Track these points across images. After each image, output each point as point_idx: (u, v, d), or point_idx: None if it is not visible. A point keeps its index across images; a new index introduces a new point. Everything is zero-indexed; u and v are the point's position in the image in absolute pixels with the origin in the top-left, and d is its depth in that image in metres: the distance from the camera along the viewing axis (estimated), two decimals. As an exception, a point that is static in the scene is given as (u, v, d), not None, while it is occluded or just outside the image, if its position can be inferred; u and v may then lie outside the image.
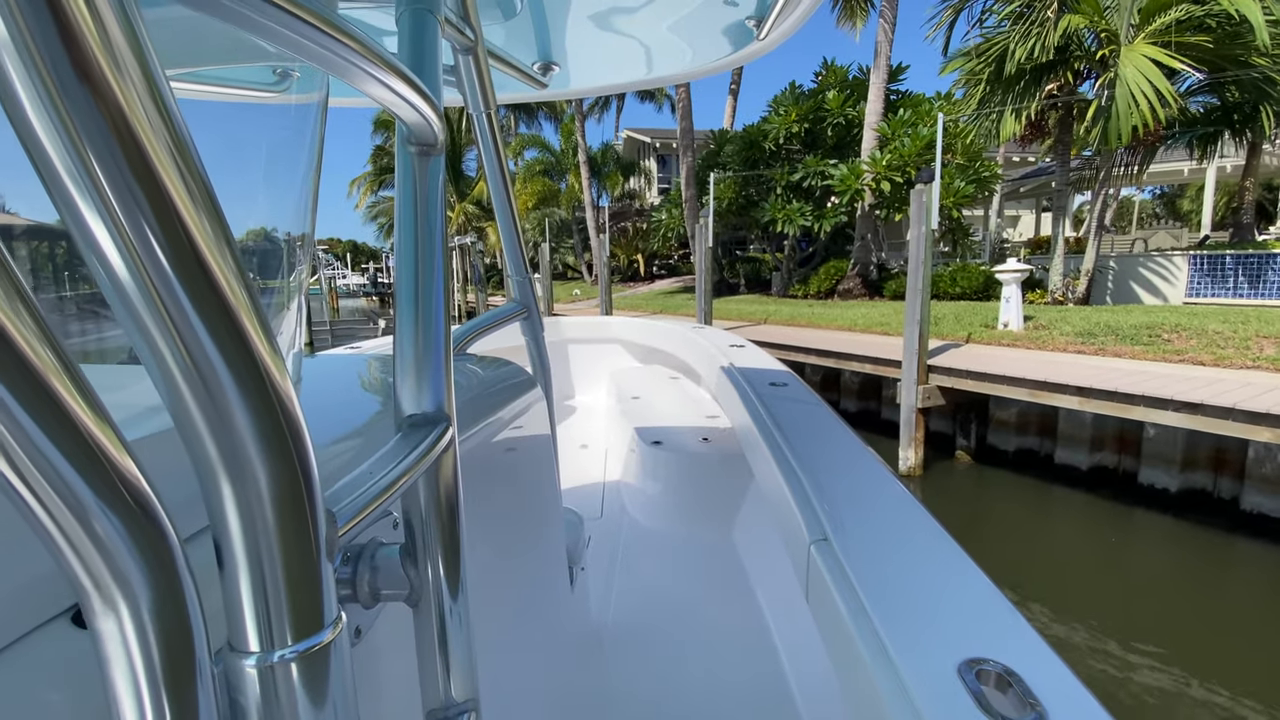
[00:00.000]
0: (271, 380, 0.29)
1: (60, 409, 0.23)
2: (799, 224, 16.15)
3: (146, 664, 0.27)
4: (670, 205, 20.81)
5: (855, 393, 10.41)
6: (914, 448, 7.91)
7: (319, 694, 0.34)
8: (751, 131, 17.38)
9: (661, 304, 18.42)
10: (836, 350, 9.45)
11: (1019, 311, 9.50)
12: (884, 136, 15.16)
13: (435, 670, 0.52)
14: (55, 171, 0.22)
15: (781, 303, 16.07)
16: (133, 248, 0.24)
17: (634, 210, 30.96)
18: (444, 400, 0.53)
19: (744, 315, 14.20)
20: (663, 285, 25.19)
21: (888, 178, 14.26)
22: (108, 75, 0.22)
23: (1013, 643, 0.71)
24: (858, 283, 15.63)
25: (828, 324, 11.92)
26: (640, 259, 29.62)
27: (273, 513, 0.31)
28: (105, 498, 0.24)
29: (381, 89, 0.47)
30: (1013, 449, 8.19)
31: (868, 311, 12.59)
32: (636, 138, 34.65)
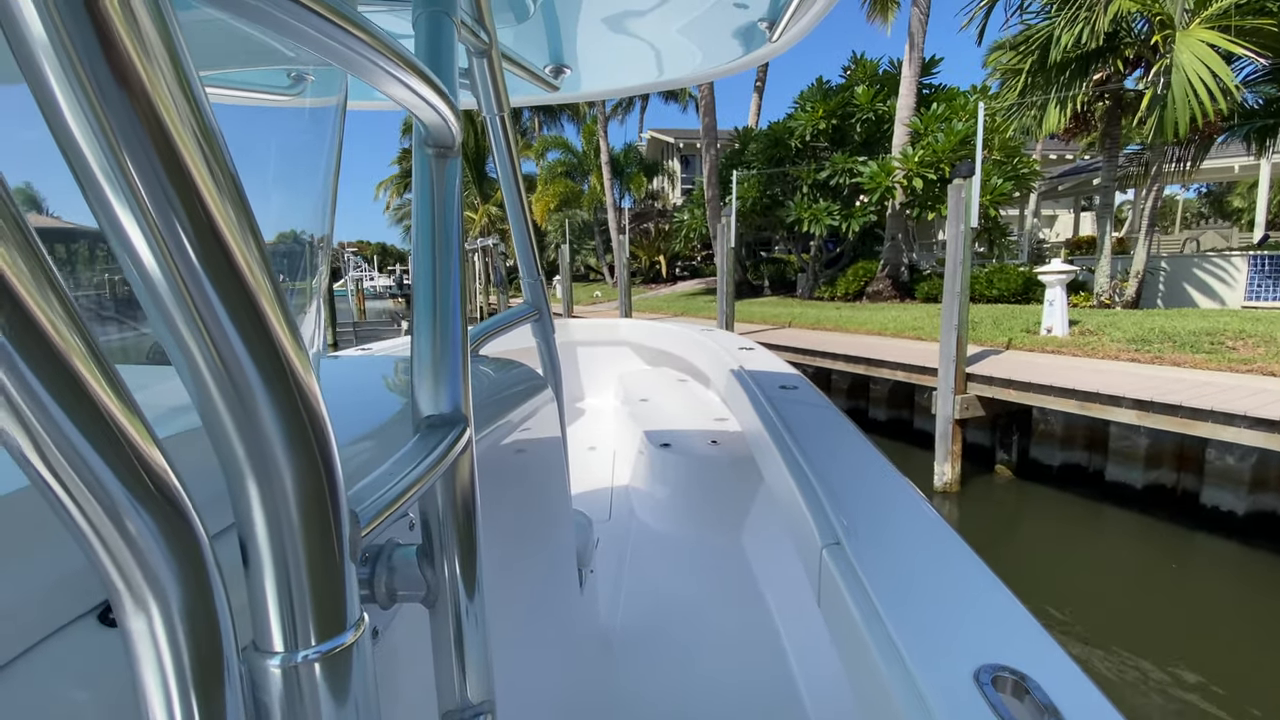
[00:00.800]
0: (298, 381, 0.29)
1: (94, 406, 0.23)
2: (826, 224, 15.58)
3: (176, 663, 0.27)
4: (692, 205, 20.35)
5: (885, 401, 9.86)
6: (950, 462, 7.36)
7: (342, 694, 0.34)
8: (776, 129, 16.86)
9: (683, 306, 17.98)
10: (866, 356, 8.93)
11: (1064, 315, 8.88)
12: (916, 132, 14.53)
13: (451, 671, 0.52)
14: (91, 173, 0.23)
15: (807, 305, 15.51)
16: (166, 249, 0.24)
17: (656, 211, 30.57)
18: (461, 401, 0.53)
19: (768, 318, 13.70)
20: (685, 287, 24.73)
21: (920, 175, 13.64)
22: (144, 78, 0.22)
23: (1028, 649, 0.71)
24: (887, 284, 15.01)
25: (856, 328, 11.38)
26: (662, 260, 29.21)
27: (298, 512, 0.31)
28: (137, 495, 0.25)
29: (402, 89, 0.46)
30: (1058, 464, 7.59)
31: (899, 315, 12.00)
32: (660, 138, 34.30)
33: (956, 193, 6.88)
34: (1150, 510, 6.68)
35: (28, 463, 0.23)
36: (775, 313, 14.17)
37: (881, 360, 8.65)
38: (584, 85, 1.77)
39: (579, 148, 31.75)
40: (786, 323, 12.97)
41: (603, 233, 30.61)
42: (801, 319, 12.90)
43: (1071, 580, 5.65)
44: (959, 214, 6.88)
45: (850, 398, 10.55)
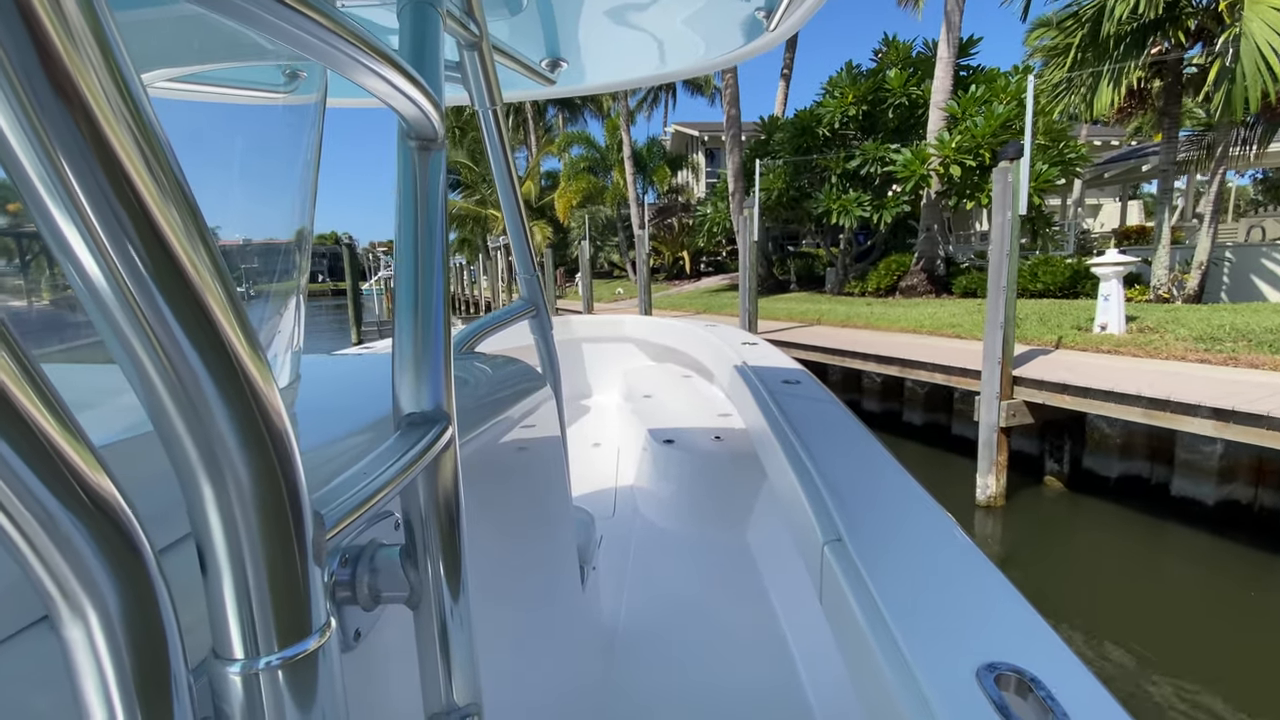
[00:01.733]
0: (252, 381, 0.29)
1: (19, 414, 0.23)
2: (856, 215, 14.84)
3: (118, 672, 0.26)
4: (716, 199, 19.72)
5: (921, 404, 9.20)
6: (995, 473, 6.71)
7: (306, 702, 0.33)
8: (804, 117, 16.15)
9: (705, 303, 17.39)
10: (900, 357, 8.27)
11: (1121, 311, 8.11)
12: (953, 116, 13.72)
13: (437, 673, 0.51)
14: (22, 169, 0.22)
15: (836, 301, 14.81)
16: (106, 252, 0.24)
17: (680, 205, 29.96)
18: (443, 399, 0.52)
19: (794, 315, 13.06)
20: (708, 283, 24.11)
21: (957, 161, 12.84)
22: (80, 81, 0.22)
23: (1033, 646, 0.70)
24: (922, 279, 14.23)
25: (889, 325, 10.69)
26: (686, 256, 28.61)
27: (255, 515, 0.30)
28: (70, 504, 0.24)
29: (379, 82, 0.46)
30: (1115, 475, 6.88)
31: (935, 311, 11.27)
32: (685, 132, 33.66)
33: (1003, 177, 6.22)
34: (1224, 530, 5.95)
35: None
36: (802, 309, 13.51)
37: (917, 361, 8.00)
38: (580, 79, 1.73)
39: (601, 143, 31.31)
40: (814, 320, 12.32)
41: (626, 229, 30.10)
42: (830, 316, 12.23)
43: (1133, 607, 5.00)
44: (1006, 200, 6.22)
45: (883, 400, 9.90)
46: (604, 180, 30.59)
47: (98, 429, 0.25)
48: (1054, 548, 6.34)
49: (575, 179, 29.58)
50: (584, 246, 16.91)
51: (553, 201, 31.11)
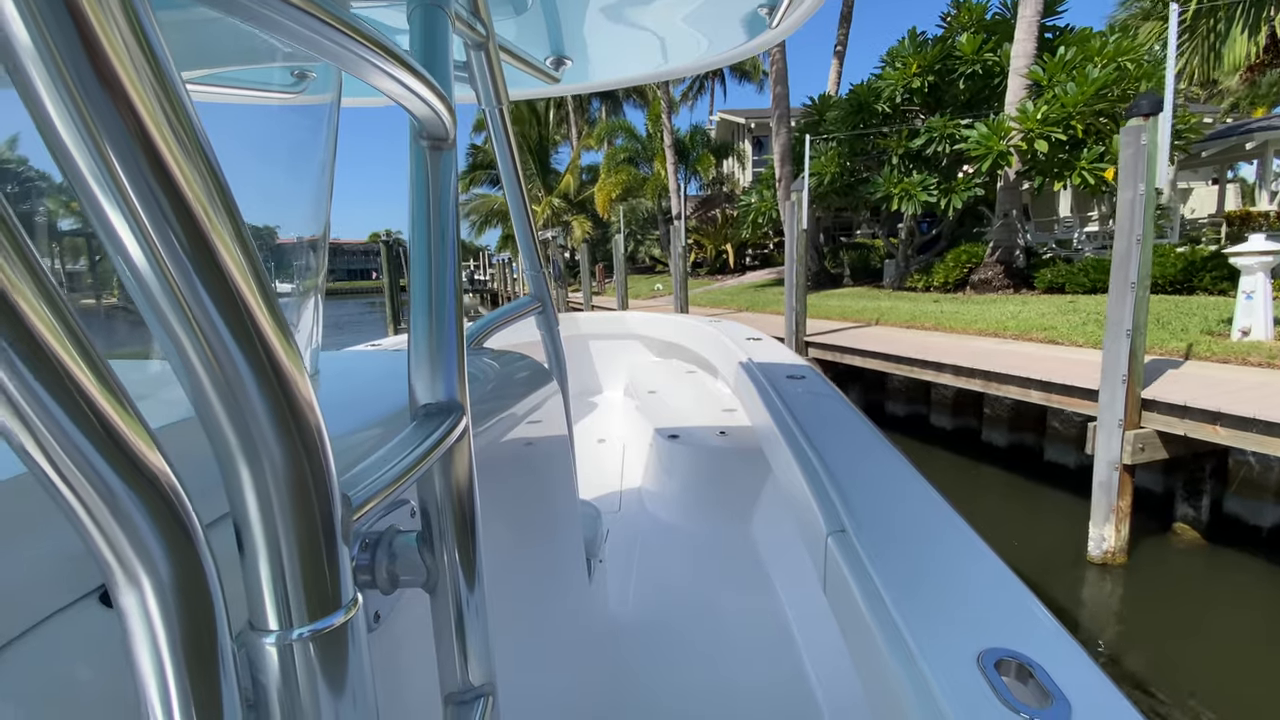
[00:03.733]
0: (286, 370, 0.31)
1: (86, 398, 0.24)
2: (920, 200, 13.16)
3: (170, 639, 0.28)
4: (761, 186, 18.16)
5: (1005, 422, 7.66)
6: (1115, 522, 5.21)
7: (336, 672, 0.35)
8: (860, 92, 14.49)
9: (748, 299, 15.96)
10: (986, 369, 6.75)
11: (1268, 312, 6.41)
12: (1037, 84, 11.90)
13: (453, 654, 0.53)
14: (80, 174, 0.24)
15: (897, 297, 13.18)
16: (154, 246, 0.25)
17: (723, 196, 28.41)
18: (456, 390, 0.54)
19: (848, 314, 11.55)
20: (753, 278, 22.57)
21: (1044, 135, 11.06)
22: (126, 79, 0.23)
23: (1033, 633, 0.71)
24: (998, 272, 12.47)
25: (963, 327, 9.12)
26: (729, 249, 27.07)
27: (289, 496, 0.32)
28: (129, 480, 0.26)
29: (392, 84, 0.47)
30: (1269, 525, 5.29)
31: (1018, 310, 9.62)
32: (731, 119, 32.09)
33: (1135, 137, 4.70)
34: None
35: (24, 451, 0.24)
36: (858, 307, 11.97)
37: (1009, 375, 6.47)
38: (584, 76, 1.74)
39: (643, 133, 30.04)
40: (872, 320, 10.80)
41: (667, 221, 28.78)
42: (891, 315, 10.68)
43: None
44: (1139, 168, 4.71)
45: (956, 415, 8.38)
46: (645, 172, 29.34)
47: (149, 416, 0.27)
48: (1189, 616, 4.83)
49: (615, 171, 28.41)
50: (618, 240, 15.74)
51: (593, 195, 30.07)
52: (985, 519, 6.44)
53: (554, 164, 36.14)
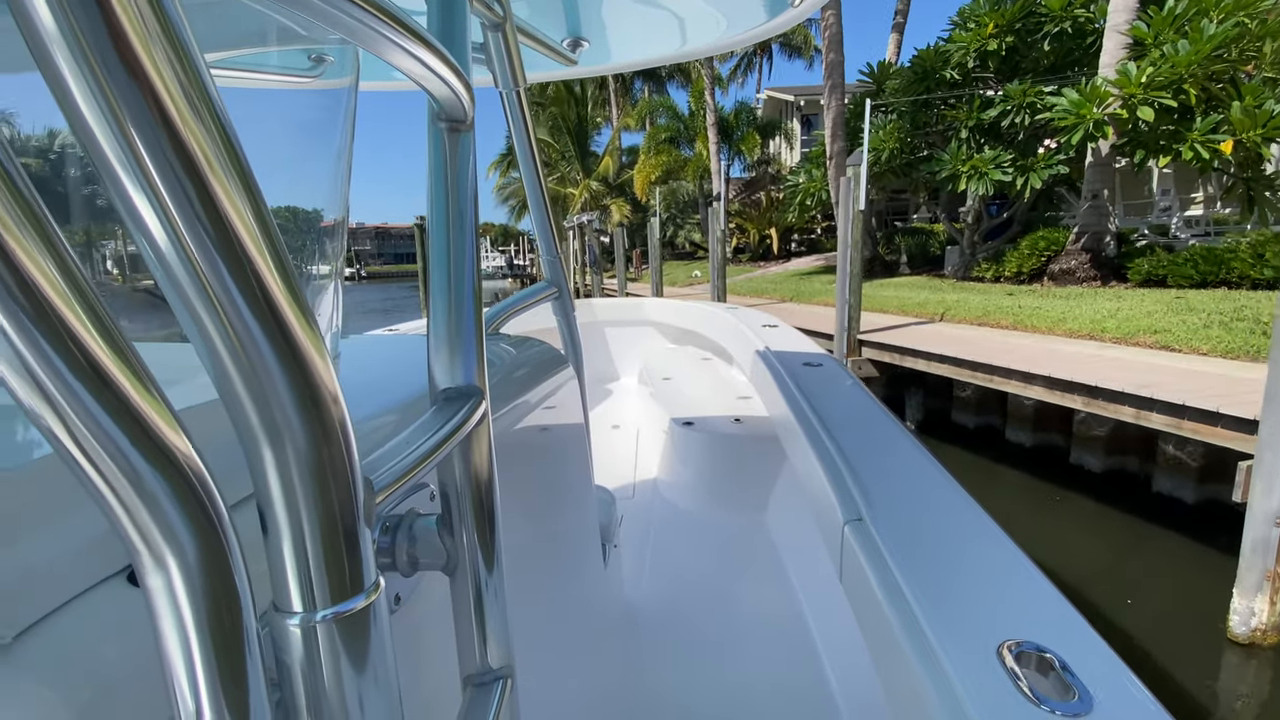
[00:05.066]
0: (309, 355, 0.31)
1: (112, 382, 0.25)
2: (992, 179, 11.63)
3: (195, 619, 0.28)
4: (810, 165, 16.71)
5: (1101, 442, 6.35)
6: (1270, 592, 3.96)
7: (359, 654, 0.35)
8: (926, 58, 12.93)
9: (793, 288, 14.67)
10: (1086, 383, 5.45)
11: None
12: (1139, 42, 10.23)
13: (472, 637, 0.53)
14: (104, 157, 0.24)
15: (964, 289, 11.74)
16: (178, 229, 0.26)
17: (769, 178, 26.86)
18: (475, 374, 0.54)
19: (908, 307, 10.22)
20: (799, 264, 21.11)
21: (1149, 101, 9.45)
22: (149, 62, 0.23)
23: (1055, 625, 0.70)
24: (1083, 261, 10.89)
25: (1048, 326, 7.75)
26: (774, 234, 25.59)
27: (312, 479, 0.32)
28: (154, 462, 0.26)
29: (412, 62, 0.46)
30: None
31: (1115, 306, 8.17)
32: (779, 97, 30.43)
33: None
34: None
35: (51, 433, 0.24)
36: (919, 300, 10.61)
37: (1121, 392, 5.17)
38: (602, 58, 1.73)
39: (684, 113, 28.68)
40: (936, 315, 9.47)
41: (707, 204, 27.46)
42: (959, 310, 9.33)
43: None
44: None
45: (1037, 430, 7.10)
46: (686, 153, 28.02)
47: (174, 399, 0.28)
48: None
49: (656, 152, 27.17)
50: (653, 223, 14.66)
51: (632, 179, 28.93)
52: (1077, 562, 5.22)
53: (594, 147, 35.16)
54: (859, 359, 8.11)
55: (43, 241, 0.23)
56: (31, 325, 0.23)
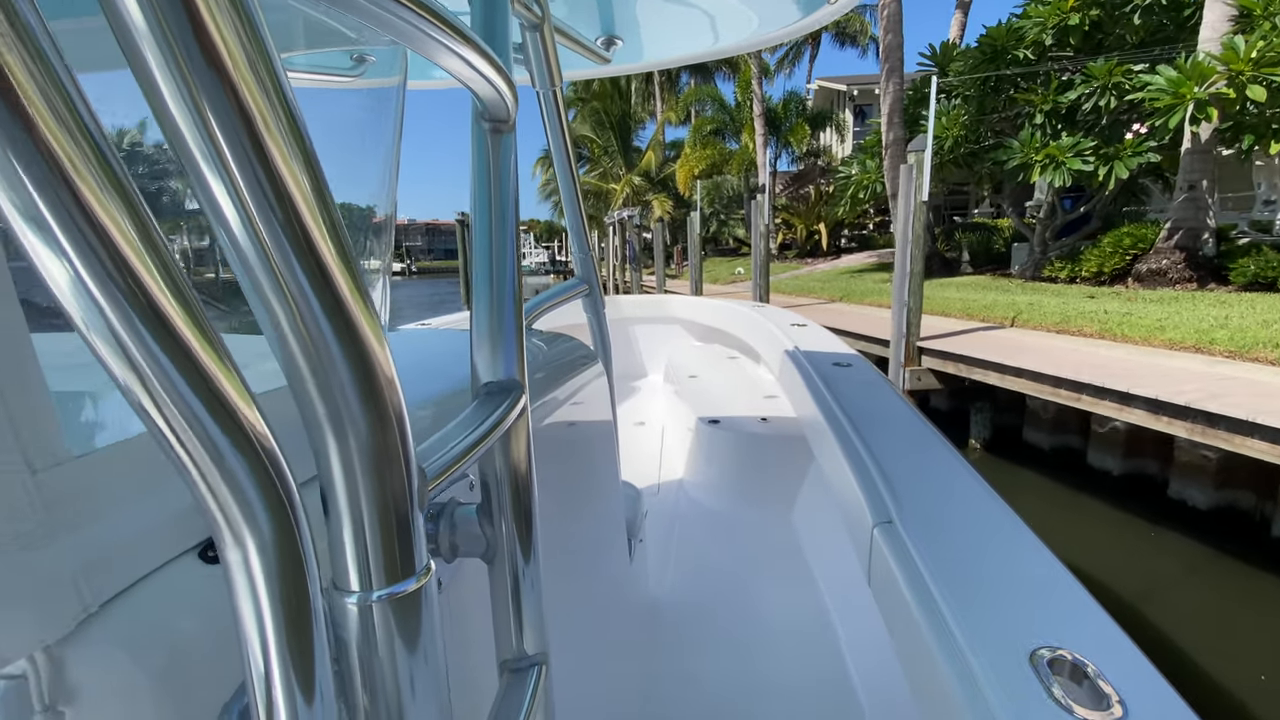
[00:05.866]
0: (371, 345, 0.32)
1: (201, 366, 0.27)
2: (1071, 169, 10.50)
3: (270, 594, 0.30)
4: (864, 156, 15.66)
5: (1211, 475, 5.39)
6: None
7: (411, 634, 0.37)
8: (996, 36, 11.80)
9: (843, 287, 13.72)
10: (1210, 410, 4.53)
11: None
12: (1246, 13, 8.99)
13: (509, 623, 0.54)
14: (189, 151, 0.25)
15: (1036, 290, 10.65)
16: (254, 221, 0.27)
17: (818, 170, 25.70)
18: (516, 369, 0.56)
19: (973, 310, 9.25)
20: (849, 262, 20.00)
21: (1260, 79, 8.24)
22: (230, 61, 0.24)
23: (1088, 632, 0.69)
24: (1177, 260, 9.69)
25: (1143, 336, 6.74)
26: (822, 229, 24.43)
27: (371, 465, 0.34)
28: (237, 443, 0.28)
29: (459, 63, 0.47)
30: None
31: (1223, 314, 7.09)
32: (830, 87, 29.18)
33: None
34: None
35: (144, 410, 0.26)
36: (985, 302, 9.62)
37: (1252, 423, 4.24)
38: (636, 56, 1.74)
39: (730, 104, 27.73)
40: (1006, 319, 8.49)
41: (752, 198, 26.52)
42: (1033, 315, 8.33)
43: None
44: None
45: (1129, 456, 6.16)
46: (732, 147, 27.09)
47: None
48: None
49: (701, 145, 26.33)
50: (693, 218, 13.96)
51: (674, 173, 28.17)
52: (1174, 613, 4.37)
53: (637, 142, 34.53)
54: (918, 369, 7.24)
55: (141, 232, 0.24)
56: (131, 310, 0.24)
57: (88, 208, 0.23)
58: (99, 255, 0.24)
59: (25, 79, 0.22)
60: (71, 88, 0.23)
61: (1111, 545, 5.54)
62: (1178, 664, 3.93)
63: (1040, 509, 6.30)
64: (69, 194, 0.23)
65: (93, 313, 0.24)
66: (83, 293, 0.24)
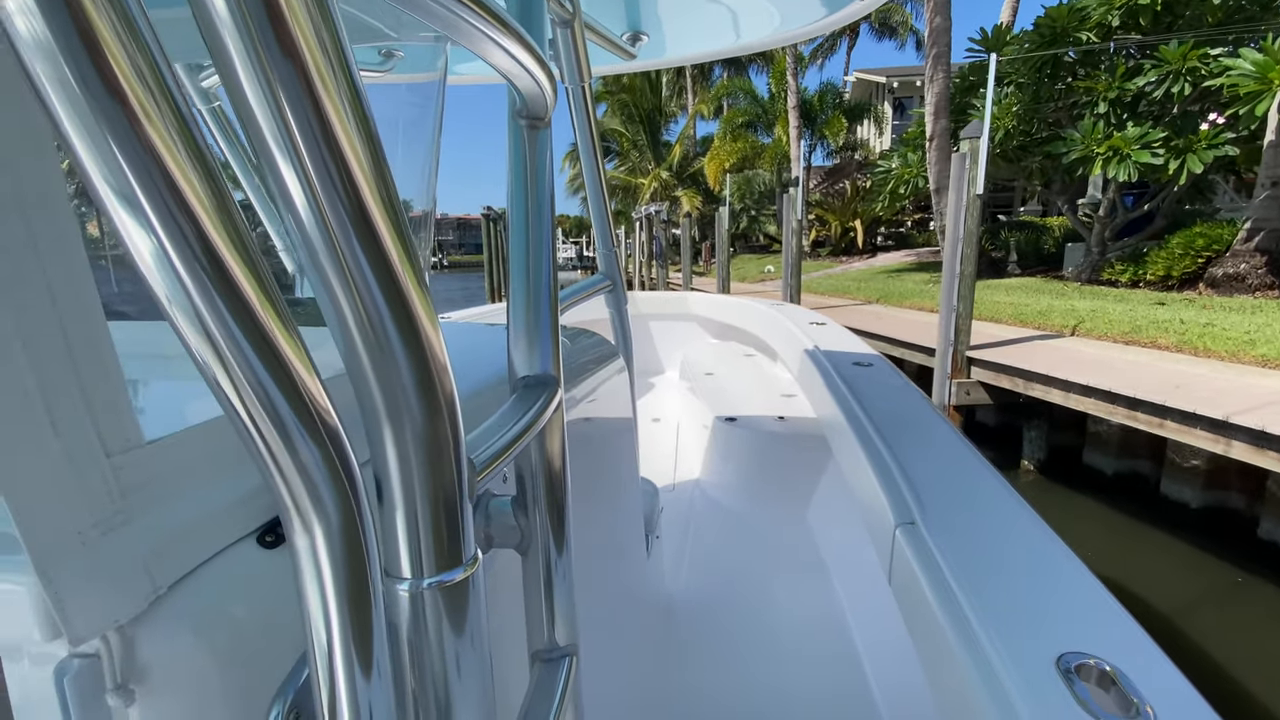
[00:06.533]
0: (429, 336, 0.33)
1: (276, 348, 0.27)
2: (1138, 163, 9.58)
3: (334, 578, 0.31)
4: (906, 149, 14.78)
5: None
6: None
7: (458, 622, 0.38)
8: (1056, 17, 10.86)
9: (880, 288, 12.92)
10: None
11: None
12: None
13: (541, 614, 0.55)
14: (264, 139, 0.26)
15: (1096, 295, 9.76)
16: (322, 208, 0.27)
17: (855, 165, 24.70)
18: (552, 363, 0.56)
19: (1026, 316, 8.45)
20: (885, 260, 19.07)
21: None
22: (307, 50, 0.25)
23: (1115, 638, 0.69)
24: (1257, 265, 8.74)
25: (1230, 351, 5.92)
26: (858, 226, 23.46)
27: (425, 454, 0.35)
28: (308, 427, 0.29)
29: (502, 56, 0.47)
30: None
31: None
32: (868, 79, 28.15)
33: None
34: None
35: (221, 391, 0.27)
36: (1040, 307, 8.79)
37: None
38: (661, 52, 1.74)
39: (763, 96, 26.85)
40: (1066, 327, 7.70)
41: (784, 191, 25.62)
42: (1096, 322, 7.51)
43: None
44: None
45: (1209, 487, 5.38)
46: (764, 140, 26.22)
47: None
48: None
49: (732, 138, 25.53)
50: (721, 213, 13.31)
51: (704, 168, 27.42)
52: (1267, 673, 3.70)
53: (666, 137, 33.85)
54: (966, 381, 6.53)
55: (225, 216, 0.25)
56: (217, 294, 0.25)
57: (178, 189, 0.24)
58: (185, 235, 0.24)
59: (126, 65, 0.22)
60: (167, 72, 0.23)
61: (1186, 585, 4.83)
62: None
63: (1102, 540, 5.60)
64: (161, 174, 0.23)
65: (176, 289, 0.25)
66: (168, 269, 0.24)
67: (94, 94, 0.22)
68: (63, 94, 0.22)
